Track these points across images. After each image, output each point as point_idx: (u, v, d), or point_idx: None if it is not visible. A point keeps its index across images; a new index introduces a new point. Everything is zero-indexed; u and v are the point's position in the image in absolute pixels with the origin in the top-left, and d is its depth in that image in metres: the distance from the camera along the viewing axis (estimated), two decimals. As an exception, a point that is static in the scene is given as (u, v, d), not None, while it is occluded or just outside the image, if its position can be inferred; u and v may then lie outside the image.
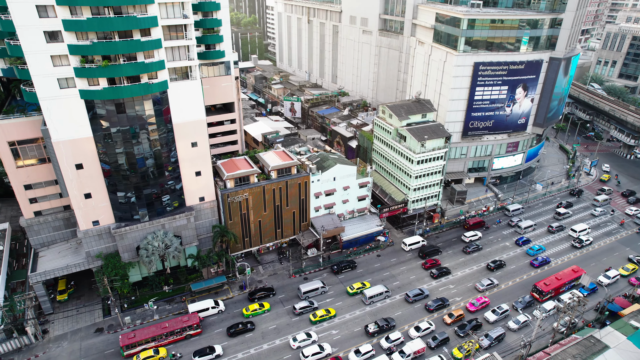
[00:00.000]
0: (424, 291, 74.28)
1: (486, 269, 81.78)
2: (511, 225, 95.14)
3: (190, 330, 65.19)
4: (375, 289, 73.36)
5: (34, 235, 71.52)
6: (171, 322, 64.87)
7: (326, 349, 63.05)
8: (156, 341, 63.23)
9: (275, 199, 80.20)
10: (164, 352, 62.26)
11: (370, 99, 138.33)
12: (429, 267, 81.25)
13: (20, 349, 64.11)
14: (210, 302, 70.13)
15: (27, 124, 63.62)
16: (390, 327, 67.31)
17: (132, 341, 61.41)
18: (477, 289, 76.29)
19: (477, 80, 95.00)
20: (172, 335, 64.15)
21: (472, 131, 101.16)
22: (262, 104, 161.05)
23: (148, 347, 62.41)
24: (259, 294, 73.78)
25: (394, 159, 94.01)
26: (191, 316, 66.11)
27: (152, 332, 62.90)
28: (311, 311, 70.49)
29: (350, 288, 75.09)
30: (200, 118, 68.73)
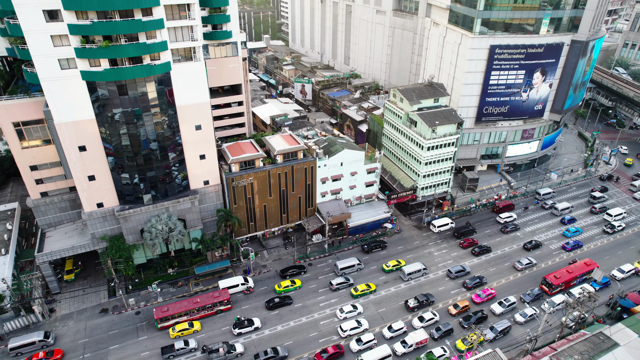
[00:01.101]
0: (465, 268, 75.77)
1: (523, 248, 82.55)
2: (545, 208, 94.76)
3: (220, 305, 67.04)
4: (413, 266, 75.10)
5: (40, 215, 72.10)
6: (202, 298, 66.52)
7: (363, 324, 64.72)
8: (188, 315, 65.28)
9: (280, 183, 79.13)
10: (198, 326, 64.49)
11: (383, 82, 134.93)
12: (466, 246, 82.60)
13: (28, 326, 65.35)
14: (240, 279, 71.73)
15: (31, 105, 63.24)
16: (429, 302, 69.17)
17: (165, 314, 63.65)
18: (516, 268, 77.09)
19: (492, 64, 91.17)
20: (204, 310, 66.06)
21: (486, 117, 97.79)
22: (273, 86, 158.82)
23: (181, 321, 64.61)
24: (291, 271, 74.98)
25: (404, 145, 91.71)
26: (222, 292, 67.98)
27: (184, 306, 65.00)
28: (347, 287, 72.27)
29: (386, 265, 76.68)
30: (204, 101, 67.43)
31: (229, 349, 59.88)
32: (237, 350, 60.21)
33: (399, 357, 60.58)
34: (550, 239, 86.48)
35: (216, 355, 59.01)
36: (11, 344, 60.16)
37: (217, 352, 59.24)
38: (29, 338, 60.78)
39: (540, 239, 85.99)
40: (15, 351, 60.12)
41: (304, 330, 65.41)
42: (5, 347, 60.93)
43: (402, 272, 74.67)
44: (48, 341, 61.54)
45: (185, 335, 63.48)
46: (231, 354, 59.57)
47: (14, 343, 60.18)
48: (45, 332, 62.29)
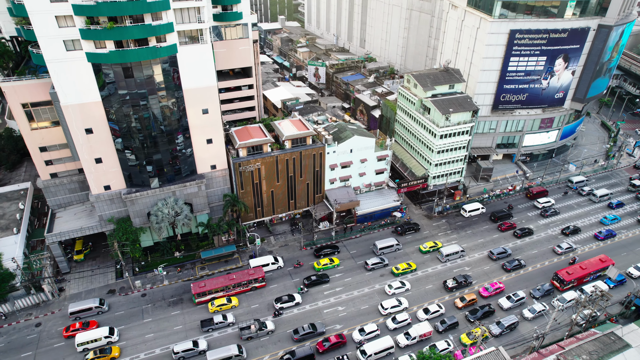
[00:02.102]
0: (507, 250, 76.41)
1: (561, 233, 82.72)
2: (582, 195, 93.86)
3: (255, 282, 68.56)
4: (451, 247, 76.12)
5: (50, 196, 72.91)
6: (238, 275, 68.22)
7: (403, 303, 65.71)
8: (224, 291, 66.91)
9: (288, 169, 78.16)
10: (236, 302, 66.12)
11: (399, 66, 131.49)
12: (505, 229, 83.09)
13: (38, 304, 66.81)
14: (270, 258, 72.96)
15: (39, 86, 63.15)
16: (468, 283, 70.04)
17: (202, 290, 65.43)
18: (556, 252, 77.42)
19: (512, 49, 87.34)
20: (239, 286, 67.67)
21: (503, 105, 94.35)
22: (287, 68, 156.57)
23: (217, 296, 66.39)
24: (324, 250, 76.42)
25: (416, 132, 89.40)
26: (257, 269, 69.37)
27: (220, 282, 66.67)
28: (382, 267, 73.56)
29: (423, 247, 77.60)
30: (211, 84, 66.34)
31: (260, 326, 61.33)
32: (268, 328, 61.72)
33: (401, 349, 59.94)
34: (588, 225, 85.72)
35: (248, 331, 60.56)
36: (70, 308, 63.22)
37: (248, 329, 60.81)
38: (86, 304, 63.92)
39: (578, 224, 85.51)
40: (75, 315, 63.30)
41: (345, 306, 66.94)
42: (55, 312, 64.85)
43: (440, 254, 75.59)
44: (103, 307, 64.68)
45: (224, 310, 65.29)
46: (262, 331, 61.15)
47: (73, 308, 63.26)
48: (100, 299, 65.23)
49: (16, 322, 63.89)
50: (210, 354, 56.74)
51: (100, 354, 57.61)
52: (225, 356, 56.53)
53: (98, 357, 57.43)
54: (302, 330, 61.06)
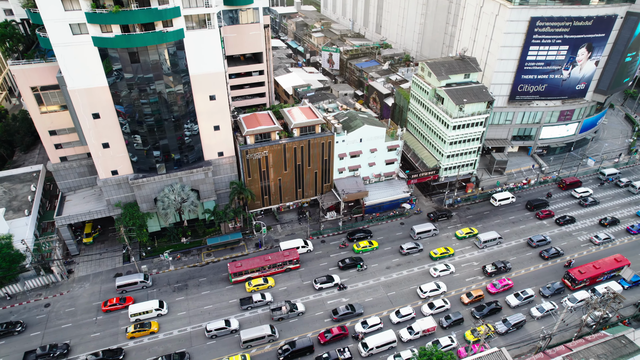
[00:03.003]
0: (546, 238, 76.53)
1: (599, 224, 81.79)
2: (620, 186, 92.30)
3: (290, 264, 69.73)
4: (489, 234, 76.49)
5: (60, 179, 73.65)
6: (273, 256, 69.65)
7: (442, 287, 66.62)
8: (259, 272, 68.37)
9: (296, 158, 77.21)
10: (272, 282, 67.83)
11: (415, 53, 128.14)
12: (543, 217, 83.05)
13: (47, 285, 68.11)
14: (300, 242, 74.33)
15: (47, 70, 63.12)
16: (507, 269, 70.56)
17: (239, 269, 67.06)
18: (593, 242, 76.89)
19: (532, 38, 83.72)
20: (274, 267, 69.10)
21: (521, 95, 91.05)
22: (301, 53, 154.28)
23: (253, 276, 68.17)
24: (357, 234, 77.22)
25: (429, 122, 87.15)
26: (292, 251, 70.57)
27: (256, 263, 68.19)
28: (417, 252, 74.62)
29: (459, 233, 78.09)
30: (218, 70, 65.36)
31: (291, 307, 62.36)
32: (299, 309, 62.78)
33: (404, 343, 59.28)
34: (624, 217, 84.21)
35: (279, 312, 61.65)
36: (118, 282, 65.97)
37: (279, 310, 61.82)
38: (132, 278, 66.59)
39: (616, 215, 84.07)
40: (121, 289, 65.93)
41: (383, 289, 67.82)
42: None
43: (478, 240, 75.91)
44: (147, 282, 67.01)
45: (261, 290, 66.73)
46: (293, 312, 62.12)
47: (120, 282, 66.02)
48: (145, 274, 67.70)
49: (26, 302, 65.35)
50: (244, 333, 57.91)
51: (140, 328, 59.46)
52: (258, 336, 57.68)
53: (138, 330, 59.36)
54: (341, 311, 62.01)
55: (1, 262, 62.18)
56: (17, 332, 60.23)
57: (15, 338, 59.77)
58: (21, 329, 60.48)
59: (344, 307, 62.79)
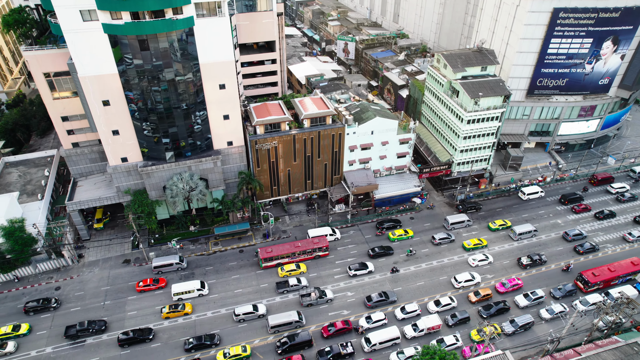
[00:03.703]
0: (582, 233, 75.76)
1: (634, 221, 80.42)
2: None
3: (319, 251, 70.27)
4: (524, 226, 76.19)
5: (72, 165, 74.55)
6: (303, 243, 70.33)
7: (476, 277, 66.41)
8: (289, 258, 69.11)
9: (306, 149, 76.45)
10: (304, 268, 68.42)
11: (432, 44, 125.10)
12: (580, 211, 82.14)
13: (58, 269, 69.41)
14: (328, 230, 75.03)
15: (59, 56, 63.39)
16: (542, 261, 70.17)
17: (269, 255, 67.98)
18: (626, 240, 75.83)
19: (554, 30, 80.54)
20: (303, 254, 69.77)
21: (540, 90, 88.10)
22: (317, 42, 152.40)
23: (283, 262, 69.09)
24: (387, 224, 77.54)
25: (443, 115, 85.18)
26: (321, 239, 71.02)
27: (286, 249, 68.94)
28: (448, 242, 75.00)
29: (492, 224, 77.80)
30: (228, 59, 64.66)
31: (320, 294, 63.07)
32: (328, 296, 63.33)
33: (408, 340, 58.63)
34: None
35: (308, 298, 62.55)
36: (154, 262, 67.61)
37: (309, 296, 62.83)
38: (168, 260, 68.15)
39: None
40: (157, 269, 67.59)
41: (412, 279, 68.23)
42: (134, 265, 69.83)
43: (513, 232, 75.61)
44: (182, 264, 68.54)
45: (293, 275, 67.63)
46: (322, 299, 62.88)
47: (157, 262, 67.66)
48: (180, 257, 69.01)
49: (38, 285, 66.73)
50: (272, 319, 58.85)
51: (174, 309, 60.80)
52: (286, 321, 58.49)
53: (173, 311, 60.60)
54: (375, 298, 62.52)
55: (14, 245, 63.49)
56: (52, 308, 62.14)
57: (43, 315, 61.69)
58: (56, 305, 62.35)
59: (377, 295, 63.05)
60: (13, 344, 56.64)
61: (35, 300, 62.05)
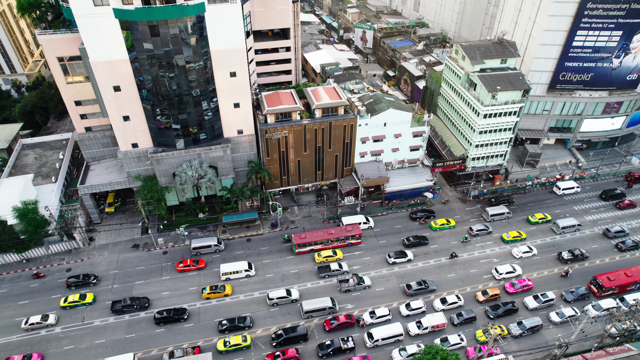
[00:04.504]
0: (624, 230, 74.12)
1: None
2: None
3: (352, 239, 70.79)
4: (568, 220, 75.12)
5: (85, 149, 75.46)
6: (336, 230, 70.67)
7: (517, 270, 66.16)
8: (322, 244, 69.78)
9: (317, 139, 75.45)
10: (340, 254, 68.97)
11: (452, 34, 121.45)
12: (624, 207, 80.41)
13: (70, 251, 70.78)
14: (362, 218, 74.92)
15: (73, 40, 63.55)
16: (584, 257, 69.05)
17: (303, 241, 68.81)
18: None
19: (580, 21, 76.81)
20: (336, 241, 70.27)
21: (562, 84, 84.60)
22: (335, 29, 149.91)
23: (316, 248, 69.82)
24: (420, 214, 77.59)
25: (459, 108, 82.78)
26: (355, 227, 71.36)
27: (319, 236, 69.71)
28: (485, 234, 74.09)
29: (532, 217, 77.02)
30: (239, 46, 63.80)
31: (358, 280, 63.80)
32: (365, 283, 64.11)
33: (411, 337, 57.85)
34: None
35: (346, 284, 63.30)
36: (193, 244, 69.16)
37: (347, 282, 63.64)
38: (206, 241, 69.65)
39: None
40: (196, 251, 69.32)
41: (446, 268, 68.22)
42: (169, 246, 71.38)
43: (556, 225, 74.74)
44: (220, 246, 70.14)
45: (329, 262, 68.25)
46: (360, 285, 63.48)
47: (196, 244, 69.22)
48: (218, 239, 70.71)
49: (50, 265, 68.22)
50: (306, 304, 59.52)
51: (215, 290, 62.34)
52: (320, 307, 59.08)
53: (214, 292, 62.29)
54: (414, 286, 62.99)
55: (27, 226, 64.84)
56: (92, 284, 64.26)
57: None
58: (95, 281, 64.48)
59: (417, 283, 63.43)
60: (54, 317, 59.14)
61: (75, 276, 64.48)
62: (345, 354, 54.69)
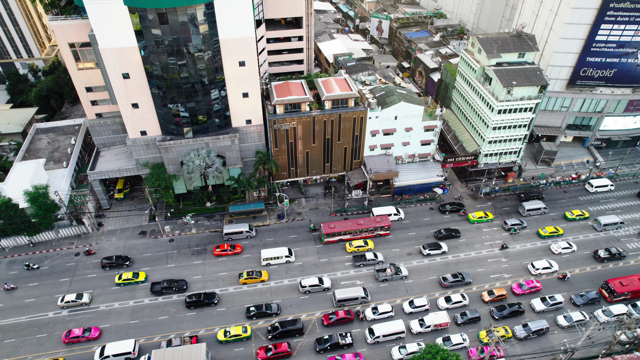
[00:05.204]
0: None
1: None
2: None
3: (381, 230, 70.76)
4: (609, 217, 74.03)
5: (96, 135, 76.04)
6: (366, 221, 70.77)
7: (554, 265, 65.91)
8: (351, 234, 70.05)
9: (326, 131, 74.52)
10: (371, 245, 69.28)
11: (471, 25, 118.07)
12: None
13: (79, 235, 71.87)
14: (392, 209, 74.89)
15: (83, 27, 63.55)
16: (621, 256, 67.91)
17: (332, 231, 69.08)
18: None
19: (605, 14, 73.49)
20: (365, 232, 70.43)
21: (583, 80, 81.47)
22: (351, 18, 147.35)
23: (344, 238, 70.16)
24: (451, 206, 77.22)
25: (473, 103, 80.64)
26: (384, 218, 71.28)
27: (348, 226, 69.92)
28: (521, 229, 73.60)
29: (569, 214, 75.96)
30: (248, 35, 62.92)
31: (396, 270, 64.21)
32: (403, 273, 64.51)
33: (413, 335, 57.21)
34: None
35: (383, 274, 63.78)
36: (225, 230, 70.22)
37: (384, 272, 64.16)
38: (238, 227, 70.66)
39: None
40: (228, 236, 70.06)
41: (487, 262, 67.98)
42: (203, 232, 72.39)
43: (597, 222, 73.72)
44: (251, 233, 71.09)
45: (361, 252, 68.65)
46: (397, 275, 64.00)
47: (228, 229, 70.29)
48: (249, 225, 71.55)
49: (59, 249, 69.42)
50: (339, 293, 60.07)
51: (253, 275, 63.29)
52: (352, 296, 59.70)
53: (250, 277, 63.20)
54: (450, 278, 63.08)
55: (37, 210, 65.91)
56: (126, 265, 65.60)
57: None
58: (129, 263, 65.98)
59: (452, 275, 63.53)
60: (88, 296, 61.10)
61: (107, 258, 66.13)
62: (342, 349, 54.32)
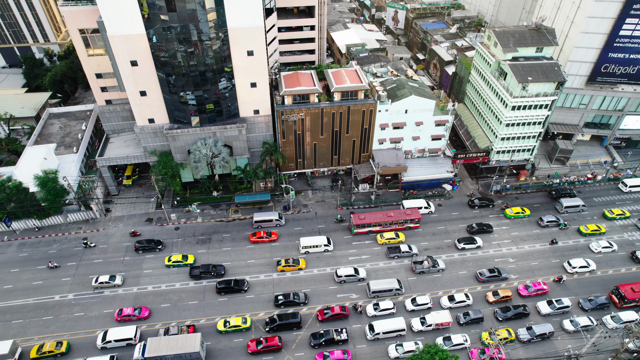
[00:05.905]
0: None
1: None
2: None
3: (410, 223, 70.83)
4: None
5: (105, 121, 76.51)
6: (396, 213, 70.88)
7: (591, 265, 64.74)
8: (380, 226, 70.05)
9: (334, 123, 73.53)
10: (402, 237, 69.33)
11: (489, 17, 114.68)
12: None
13: (87, 221, 72.80)
14: (423, 202, 74.70)
15: (93, 13, 63.55)
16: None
17: (362, 222, 69.19)
18: None
19: (631, 7, 70.20)
20: (395, 224, 70.52)
21: (604, 77, 78.39)
22: (367, 7, 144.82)
23: (374, 230, 70.09)
24: (481, 202, 76.21)
25: (487, 98, 78.50)
26: (414, 211, 71.43)
27: (378, 217, 69.98)
28: (555, 226, 72.39)
29: (609, 212, 74.43)
30: (257, 24, 62.01)
31: (433, 263, 64.29)
32: (440, 266, 64.51)
33: (414, 333, 56.54)
34: None
35: (420, 266, 63.95)
36: (255, 217, 70.81)
37: (421, 264, 64.23)
38: (268, 215, 71.18)
39: None
40: (258, 224, 70.98)
41: (522, 258, 67.32)
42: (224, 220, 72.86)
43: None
44: (280, 221, 71.35)
45: (392, 243, 68.81)
46: (434, 268, 63.98)
47: (258, 217, 70.86)
48: (279, 214, 72.08)
49: (68, 233, 70.47)
50: (374, 284, 60.41)
51: (291, 263, 64.24)
52: (387, 288, 59.91)
53: (289, 265, 64.08)
54: (486, 273, 62.77)
55: (47, 194, 66.83)
56: (158, 249, 66.87)
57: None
58: (161, 247, 67.18)
59: (488, 270, 63.08)
60: (120, 278, 62.32)
61: (139, 242, 67.30)
62: (337, 345, 53.95)
